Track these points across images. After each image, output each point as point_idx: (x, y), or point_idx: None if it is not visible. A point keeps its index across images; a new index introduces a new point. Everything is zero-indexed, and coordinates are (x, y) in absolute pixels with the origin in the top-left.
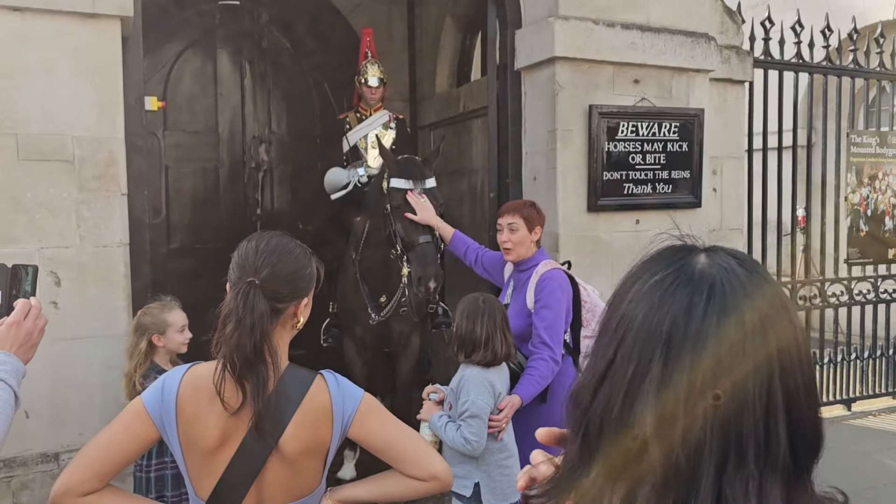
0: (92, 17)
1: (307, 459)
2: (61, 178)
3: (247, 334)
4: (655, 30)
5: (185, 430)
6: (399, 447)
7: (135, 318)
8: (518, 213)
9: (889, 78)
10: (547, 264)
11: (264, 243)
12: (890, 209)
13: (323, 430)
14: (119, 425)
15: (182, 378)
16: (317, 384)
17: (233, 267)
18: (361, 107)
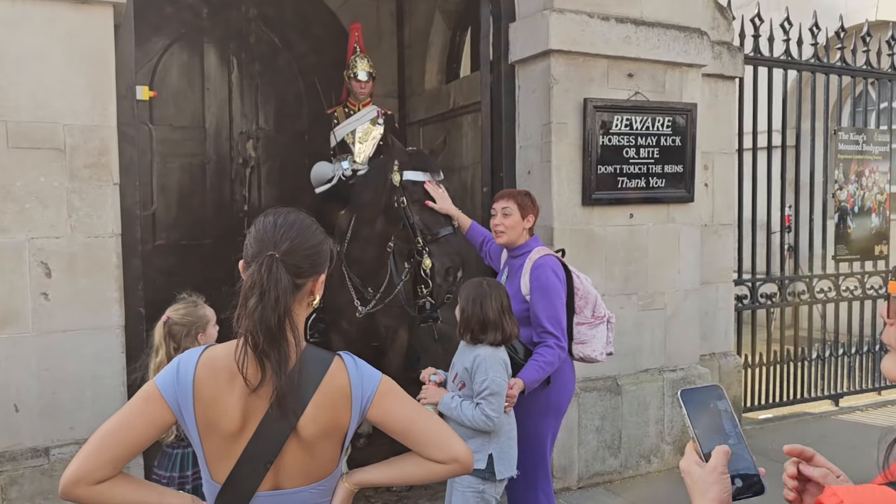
0: (84, 3)
1: (325, 442)
2: (52, 166)
3: (271, 308)
4: (649, 24)
5: (202, 413)
6: (419, 429)
7: (159, 326)
8: (512, 199)
9: (875, 76)
10: (540, 251)
11: (282, 218)
12: (876, 206)
13: (341, 413)
14: (132, 409)
15: (199, 360)
16: (336, 365)
17: (249, 242)
18: (350, 102)
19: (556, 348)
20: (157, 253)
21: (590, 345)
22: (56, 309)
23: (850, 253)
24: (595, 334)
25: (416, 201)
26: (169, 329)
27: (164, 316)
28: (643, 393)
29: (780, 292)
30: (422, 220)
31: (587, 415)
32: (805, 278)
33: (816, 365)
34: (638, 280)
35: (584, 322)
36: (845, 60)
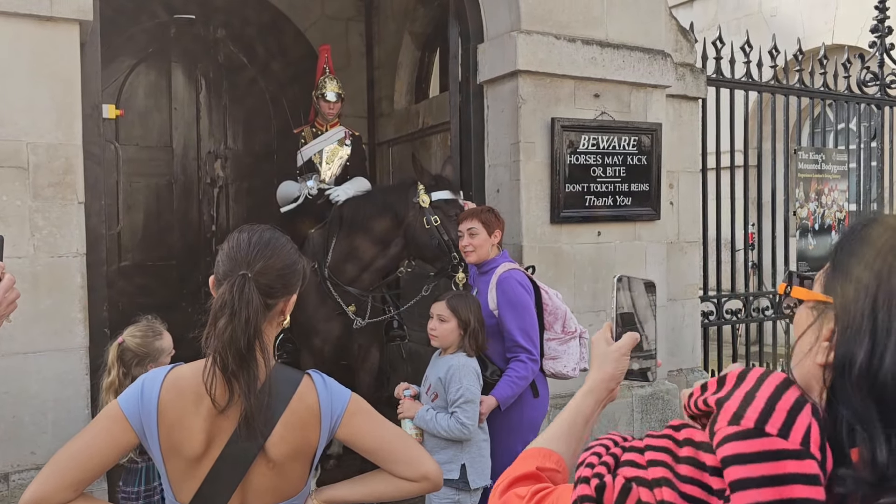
0: (49, 20)
1: (294, 461)
2: (14, 185)
3: (241, 328)
4: (614, 46)
5: (167, 435)
6: (389, 448)
7: (114, 347)
8: (476, 218)
9: (832, 98)
10: (506, 265)
11: (257, 236)
12: (836, 223)
13: (311, 432)
14: (94, 430)
15: (164, 380)
16: (305, 384)
17: (221, 259)
18: (318, 122)
19: (529, 362)
20: (123, 273)
21: (561, 360)
22: (17, 330)
23: (812, 270)
24: (566, 350)
25: (451, 217)
26: (121, 353)
27: (120, 337)
28: (612, 408)
29: (746, 308)
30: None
31: None
32: (769, 294)
33: None
34: (606, 297)
35: (555, 338)
36: (803, 82)
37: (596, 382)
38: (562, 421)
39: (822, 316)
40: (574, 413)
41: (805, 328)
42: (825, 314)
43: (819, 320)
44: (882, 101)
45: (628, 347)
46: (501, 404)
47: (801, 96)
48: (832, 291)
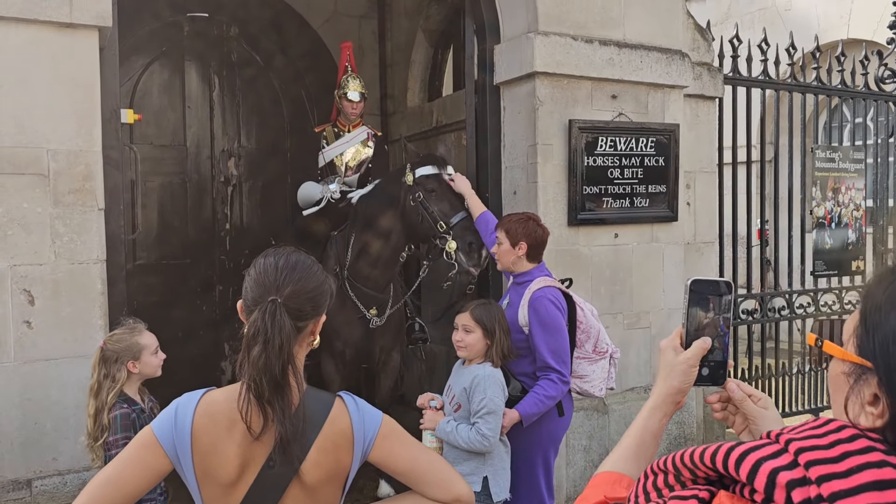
0: (69, 26)
1: (327, 486)
2: (35, 192)
3: (275, 355)
4: (632, 46)
5: (201, 461)
6: (421, 470)
7: (97, 352)
8: (501, 227)
9: (849, 95)
10: (541, 281)
11: (283, 260)
12: (852, 222)
13: (344, 455)
14: (128, 457)
15: (197, 406)
16: (337, 407)
17: (250, 286)
18: (339, 121)
19: (559, 383)
20: (137, 273)
21: (588, 380)
22: (39, 337)
23: (828, 268)
24: (595, 370)
25: (431, 191)
26: (102, 354)
27: (102, 341)
28: (630, 412)
29: (761, 308)
30: (439, 209)
31: (574, 434)
32: (784, 294)
33: (797, 379)
34: (623, 299)
35: (584, 357)
36: (820, 80)
37: (662, 397)
38: (630, 440)
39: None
40: (641, 431)
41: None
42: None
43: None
44: None
45: (697, 357)
46: (524, 420)
47: (819, 94)
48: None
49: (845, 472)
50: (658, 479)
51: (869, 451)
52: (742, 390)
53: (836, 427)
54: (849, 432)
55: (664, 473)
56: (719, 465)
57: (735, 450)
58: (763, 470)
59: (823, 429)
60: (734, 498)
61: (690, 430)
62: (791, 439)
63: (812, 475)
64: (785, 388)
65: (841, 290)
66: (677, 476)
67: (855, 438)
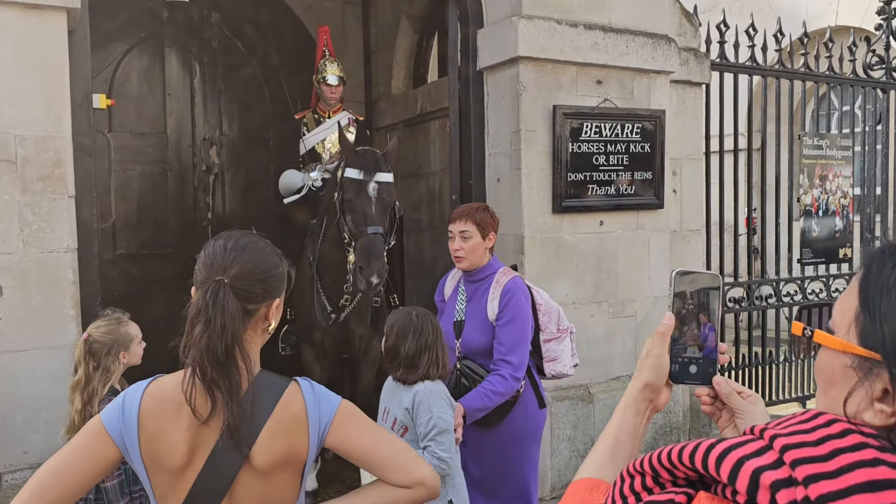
0: (36, 7)
1: (281, 471)
2: (2, 179)
3: (217, 335)
4: (617, 31)
5: (148, 448)
6: (380, 454)
7: (80, 344)
8: (470, 220)
9: (837, 81)
10: (506, 272)
11: (233, 241)
12: (840, 209)
13: (298, 440)
14: (76, 446)
15: (144, 391)
16: (291, 390)
17: (199, 267)
18: (320, 107)
19: (510, 380)
20: (118, 262)
21: (560, 360)
22: (8, 328)
23: (815, 256)
24: (563, 349)
25: (348, 200)
26: (90, 347)
27: (85, 334)
28: (615, 401)
29: (748, 296)
30: (352, 218)
31: (559, 424)
32: (772, 282)
33: (784, 368)
34: (608, 287)
35: (552, 338)
36: (808, 66)
37: (631, 395)
38: (605, 443)
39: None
40: (615, 431)
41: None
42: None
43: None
44: (888, 85)
45: (661, 349)
46: (468, 416)
47: (806, 80)
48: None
49: (835, 472)
50: (636, 481)
51: (861, 447)
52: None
53: (826, 421)
54: (839, 427)
55: (641, 475)
56: (698, 465)
57: (715, 448)
58: (745, 469)
59: (811, 423)
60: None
61: (677, 418)
62: (776, 435)
63: (798, 475)
64: (772, 377)
65: (828, 277)
66: (655, 478)
67: (846, 434)
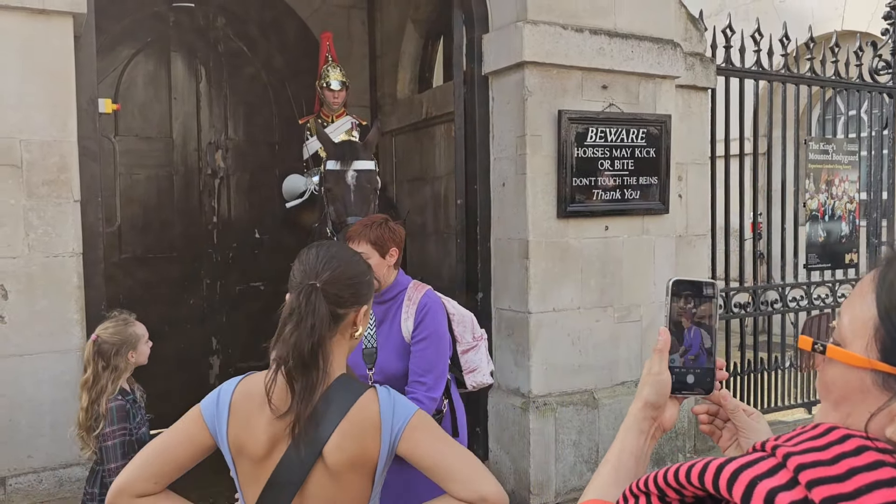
0: (42, 12)
1: (352, 473)
2: (8, 183)
3: (306, 335)
4: (623, 36)
5: (235, 436)
6: (447, 465)
7: (88, 345)
8: (364, 240)
9: (843, 86)
10: (417, 287)
11: (325, 250)
12: (846, 214)
13: (370, 444)
14: (177, 429)
15: (237, 384)
16: (367, 396)
17: (294, 272)
18: (323, 112)
19: (426, 401)
20: (123, 266)
21: (480, 370)
22: (13, 332)
23: (822, 261)
24: (480, 358)
25: (329, 190)
26: (98, 348)
27: (94, 335)
28: (620, 406)
29: (754, 301)
30: (334, 209)
31: (564, 429)
32: (778, 287)
33: (790, 373)
34: (613, 292)
35: (469, 348)
36: (814, 71)
37: (633, 415)
38: (608, 465)
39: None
40: (618, 453)
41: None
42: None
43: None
44: (894, 90)
45: (661, 364)
46: None
47: (812, 85)
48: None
49: (853, 493)
50: (640, 501)
51: (878, 466)
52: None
53: (839, 437)
54: (854, 443)
55: (646, 495)
56: (708, 485)
57: (726, 467)
58: (759, 491)
59: (824, 439)
60: None
61: (681, 424)
62: (789, 453)
63: (815, 497)
64: (777, 382)
65: (834, 283)
66: (662, 496)
67: (862, 451)
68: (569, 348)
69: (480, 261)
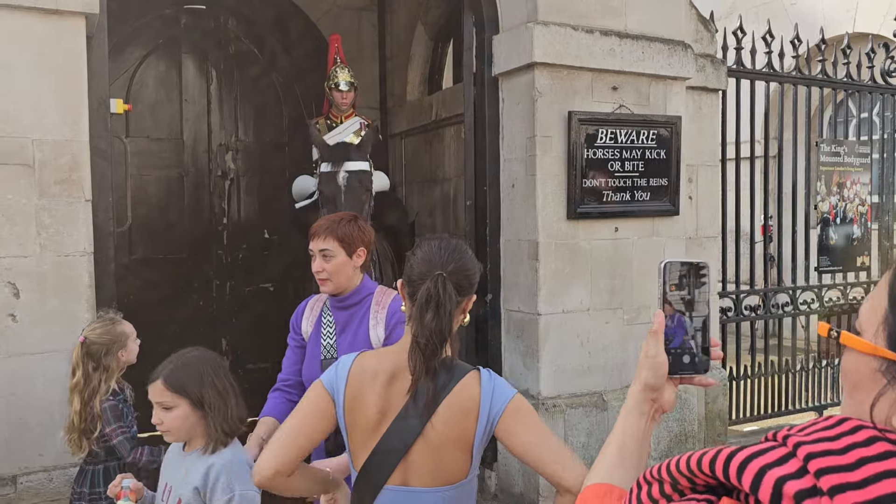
0: (55, 13)
1: (452, 447)
2: (20, 183)
3: (446, 319)
4: (633, 37)
5: (350, 407)
6: (536, 455)
7: (76, 348)
8: (331, 235)
9: (855, 88)
10: (385, 292)
11: (445, 242)
12: (858, 217)
13: (469, 420)
14: (307, 407)
15: (354, 361)
16: (470, 376)
17: (415, 264)
18: (332, 113)
19: None
20: (133, 267)
21: None
22: (24, 330)
23: (833, 264)
24: None
25: (321, 192)
26: (87, 349)
27: (81, 336)
28: None
29: (764, 304)
30: (327, 210)
31: (573, 431)
32: (788, 290)
33: (801, 377)
34: (623, 294)
35: None
36: (826, 73)
37: (633, 397)
38: (612, 448)
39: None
40: (621, 436)
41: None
42: None
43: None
44: None
45: (657, 346)
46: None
47: (824, 87)
48: None
49: (861, 483)
50: (653, 488)
51: (888, 456)
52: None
53: (851, 428)
54: (866, 434)
55: (659, 482)
56: (719, 473)
57: (736, 456)
58: (768, 479)
59: (836, 430)
60: None
61: (692, 427)
62: (800, 442)
63: (824, 485)
64: (788, 386)
65: (846, 286)
66: (674, 485)
67: (873, 441)
68: (578, 350)
69: (490, 262)
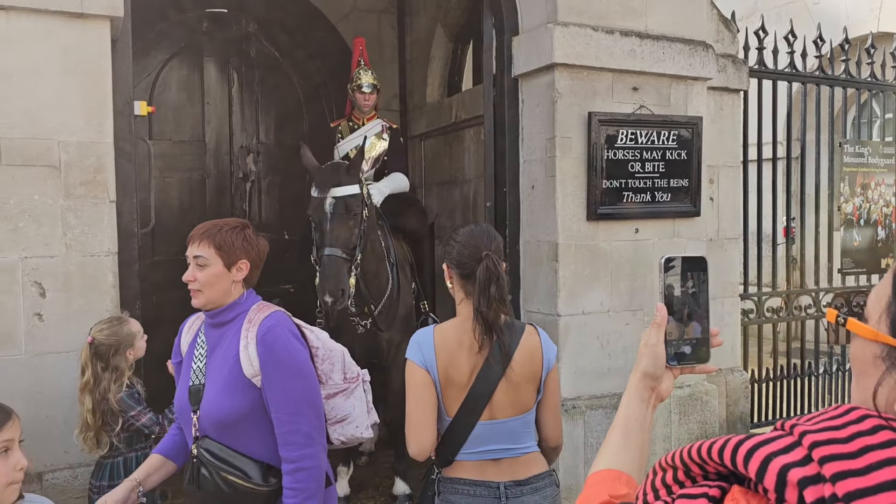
0: (80, 16)
1: (527, 383)
2: (47, 183)
3: (505, 290)
4: (654, 37)
5: (444, 372)
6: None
7: (84, 349)
8: (209, 242)
9: (879, 88)
10: (262, 307)
11: (478, 228)
12: (882, 218)
13: (536, 362)
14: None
15: (433, 333)
16: (529, 329)
17: (461, 248)
18: (354, 115)
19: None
20: (156, 268)
21: (352, 421)
22: (50, 330)
23: (856, 266)
24: (354, 404)
25: (310, 217)
26: (95, 350)
27: (89, 337)
28: None
29: (787, 306)
30: (316, 237)
31: (592, 433)
32: (811, 292)
33: (823, 379)
34: (644, 295)
35: (337, 391)
36: (849, 73)
37: (633, 385)
38: (616, 434)
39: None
40: (624, 421)
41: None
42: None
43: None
44: None
45: (657, 336)
46: None
47: (847, 87)
48: None
49: (863, 469)
50: (667, 475)
51: (891, 444)
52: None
53: (858, 417)
54: (871, 423)
55: (673, 469)
56: (727, 461)
57: (744, 444)
58: (773, 466)
59: (842, 419)
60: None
61: (713, 429)
62: (806, 431)
63: (826, 472)
64: (811, 389)
65: (869, 288)
66: (687, 472)
67: (877, 430)
68: (598, 351)
69: (510, 263)
